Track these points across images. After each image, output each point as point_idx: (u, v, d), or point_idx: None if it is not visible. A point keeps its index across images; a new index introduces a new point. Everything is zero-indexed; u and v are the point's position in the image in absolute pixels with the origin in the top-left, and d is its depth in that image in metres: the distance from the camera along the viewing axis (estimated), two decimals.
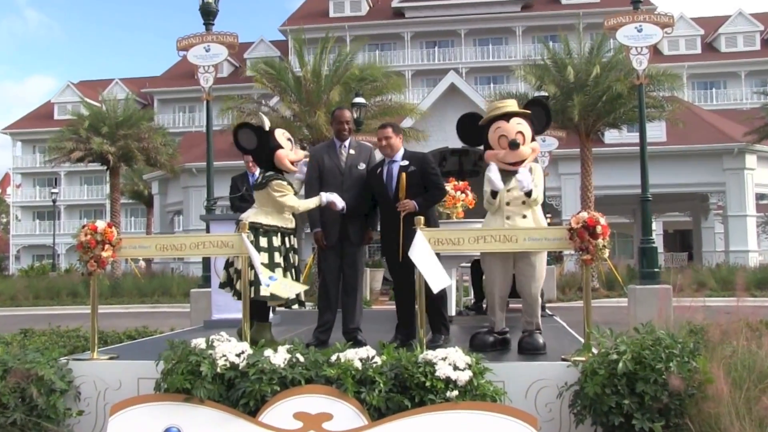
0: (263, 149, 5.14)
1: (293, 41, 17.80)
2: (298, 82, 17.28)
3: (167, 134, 26.87)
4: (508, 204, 4.81)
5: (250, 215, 5.07)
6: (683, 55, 41.03)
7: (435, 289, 4.31)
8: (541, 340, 4.75)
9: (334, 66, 17.88)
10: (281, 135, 5.18)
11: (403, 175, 5.01)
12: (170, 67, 46.72)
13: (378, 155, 5.35)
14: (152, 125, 25.97)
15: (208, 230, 7.63)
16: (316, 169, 5.28)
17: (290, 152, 5.13)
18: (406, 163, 5.14)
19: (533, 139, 4.90)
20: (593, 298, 14.75)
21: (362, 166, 5.35)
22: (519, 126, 4.83)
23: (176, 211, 28.72)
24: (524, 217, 4.76)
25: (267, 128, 5.19)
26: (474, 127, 5.03)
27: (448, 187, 7.04)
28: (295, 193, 5.17)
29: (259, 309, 5.13)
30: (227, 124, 19.47)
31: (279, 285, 4.65)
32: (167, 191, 28.72)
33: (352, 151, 5.37)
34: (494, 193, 4.81)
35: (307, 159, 5.34)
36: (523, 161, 4.80)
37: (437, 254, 4.44)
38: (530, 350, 4.68)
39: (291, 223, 5.14)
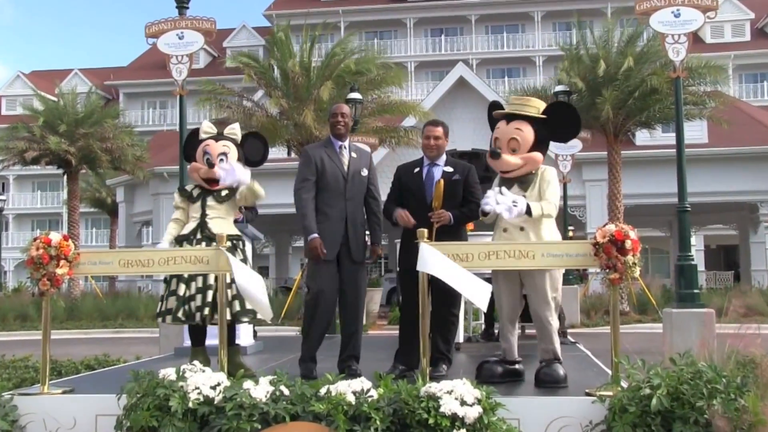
0: (191, 158, 5.53)
1: (278, 33, 17.84)
2: (285, 75, 17.34)
3: (135, 133, 26.93)
4: None
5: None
6: (729, 43, 41.01)
7: (483, 305, 4.28)
8: (561, 372, 4.75)
9: (327, 59, 17.95)
10: (200, 150, 5.40)
11: (441, 182, 5.08)
12: (138, 56, 46.90)
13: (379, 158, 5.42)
14: (118, 123, 26.02)
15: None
16: (314, 171, 5.25)
17: (200, 167, 5.36)
18: (450, 169, 5.26)
19: (536, 149, 4.88)
20: (622, 323, 14.68)
21: (365, 172, 5.40)
22: (516, 132, 4.87)
23: (144, 221, 28.74)
24: (522, 229, 4.79)
25: (200, 136, 5.46)
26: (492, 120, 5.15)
27: None
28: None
29: (195, 331, 5.42)
30: (204, 120, 19.60)
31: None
32: (134, 199, 28.75)
33: (353, 155, 5.40)
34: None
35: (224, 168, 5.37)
36: (509, 172, 4.86)
37: None
38: (549, 383, 4.67)
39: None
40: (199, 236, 5.24)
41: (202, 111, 18.98)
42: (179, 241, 5.26)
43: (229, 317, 5.00)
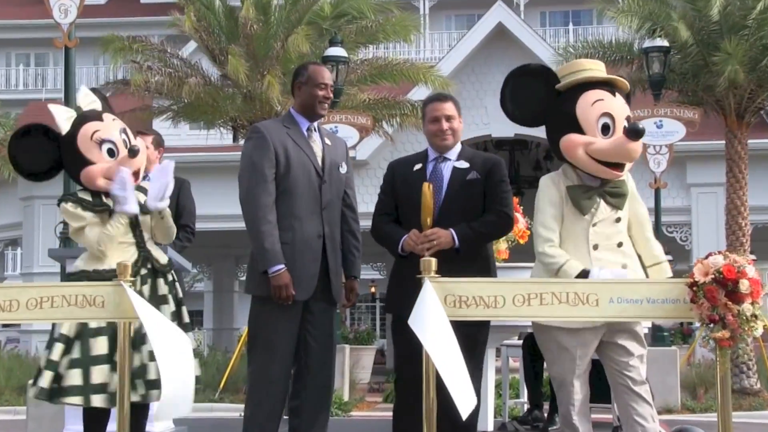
0: (70, 165, 5.37)
1: None
2: (232, 18, 17.41)
3: None
4: (595, 248, 4.92)
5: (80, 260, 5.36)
6: None
7: (462, 411, 4.27)
8: None
9: None
10: (86, 138, 5.25)
11: (427, 186, 5.09)
12: None
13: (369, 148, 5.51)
14: None
15: (64, 276, 7.67)
16: (273, 162, 5.23)
17: (109, 165, 5.25)
18: (464, 164, 5.30)
19: None
20: (749, 407, 14.61)
21: (344, 168, 5.48)
22: (627, 108, 5.02)
23: (9, 240, 28.79)
24: (624, 267, 4.87)
25: (64, 131, 5.33)
26: (538, 92, 5.12)
27: None
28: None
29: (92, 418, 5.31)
30: (111, 81, 19.50)
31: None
32: None
33: (327, 141, 5.48)
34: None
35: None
36: (623, 167, 4.95)
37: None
38: None
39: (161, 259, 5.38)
40: (144, 271, 5.27)
41: (104, 70, 19.00)
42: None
43: (138, 397, 5.06)
